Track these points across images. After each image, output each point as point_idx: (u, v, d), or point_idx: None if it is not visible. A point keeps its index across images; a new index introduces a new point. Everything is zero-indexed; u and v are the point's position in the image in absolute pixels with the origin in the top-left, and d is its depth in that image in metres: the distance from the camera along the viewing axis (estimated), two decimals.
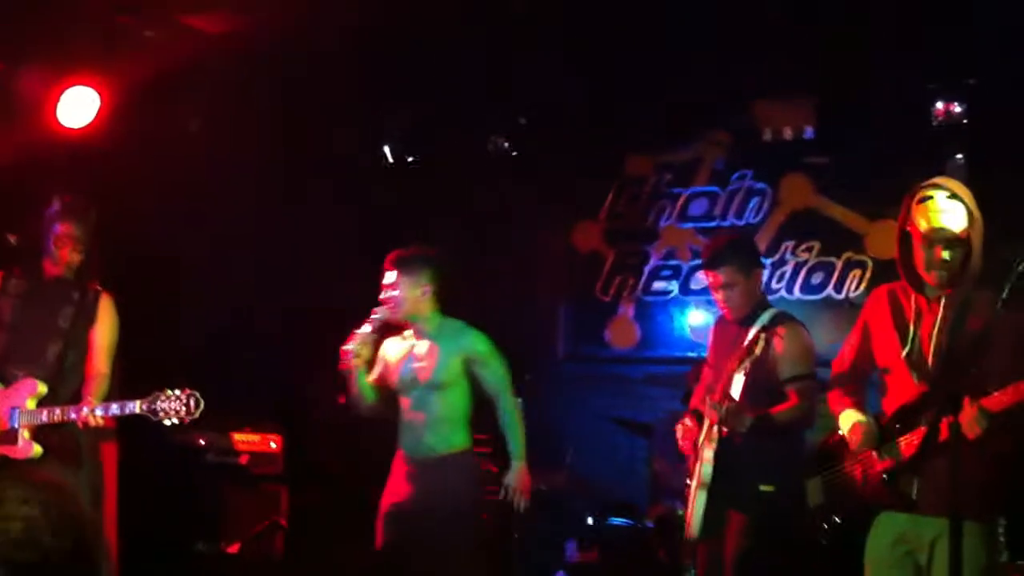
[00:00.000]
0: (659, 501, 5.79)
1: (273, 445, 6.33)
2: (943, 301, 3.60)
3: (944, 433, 3.25)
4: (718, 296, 4.60)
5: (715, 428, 4.37)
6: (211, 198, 6.61)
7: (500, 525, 5.66)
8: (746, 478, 4.36)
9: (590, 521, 5.92)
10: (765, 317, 4.50)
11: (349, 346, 4.70)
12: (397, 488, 4.77)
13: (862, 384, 3.94)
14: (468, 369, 4.77)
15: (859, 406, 3.82)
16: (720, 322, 4.75)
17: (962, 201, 3.52)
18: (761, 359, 4.26)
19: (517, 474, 4.78)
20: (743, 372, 4.25)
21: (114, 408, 4.37)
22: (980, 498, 3.42)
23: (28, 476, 2.26)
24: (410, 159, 7.04)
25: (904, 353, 3.64)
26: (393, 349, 4.87)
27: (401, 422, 4.79)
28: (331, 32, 5.61)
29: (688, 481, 4.53)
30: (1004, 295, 3.16)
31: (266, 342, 6.85)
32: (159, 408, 4.29)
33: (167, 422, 4.31)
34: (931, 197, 3.54)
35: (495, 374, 4.80)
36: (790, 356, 4.41)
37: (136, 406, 4.33)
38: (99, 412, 4.37)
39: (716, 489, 4.37)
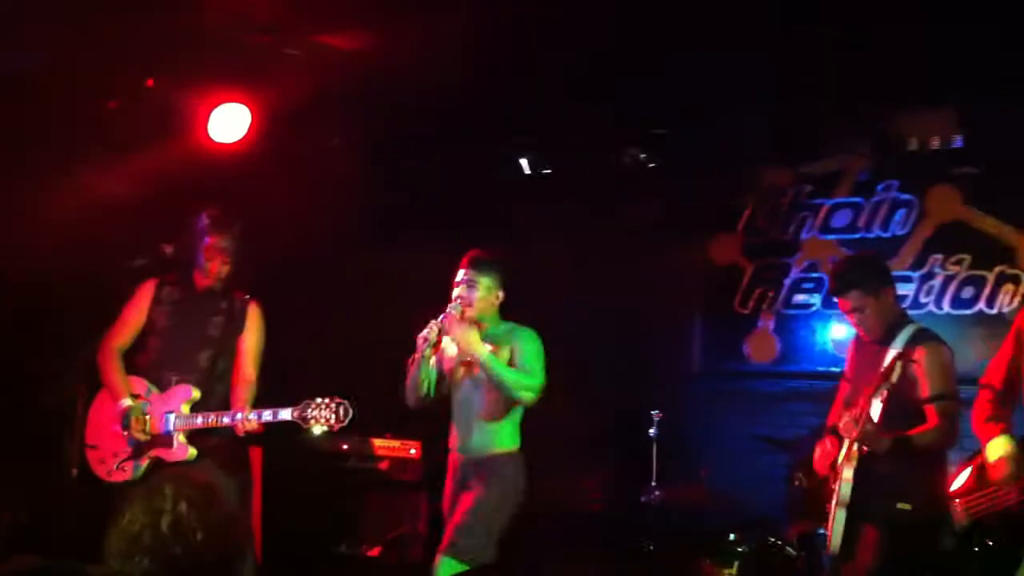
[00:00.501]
0: (799, 518, 5.66)
1: (412, 452, 6.42)
2: None
3: None
4: (851, 319, 4.54)
5: (855, 447, 4.28)
6: (349, 210, 6.75)
7: (633, 537, 5.63)
8: (884, 496, 4.28)
9: (731, 537, 5.82)
10: (904, 335, 4.40)
11: (425, 332, 4.71)
12: (451, 486, 4.83)
13: (1011, 399, 3.80)
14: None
15: (1008, 431, 3.67)
16: (858, 339, 4.65)
17: None
18: (899, 384, 4.15)
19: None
20: (880, 398, 4.15)
21: (266, 414, 4.51)
22: None
23: (183, 476, 2.35)
24: (546, 171, 7.07)
25: None
26: (451, 346, 4.88)
27: (453, 420, 4.84)
28: (463, 46, 5.67)
29: (828, 500, 4.45)
30: None
31: (405, 348, 6.96)
32: (309, 416, 4.41)
33: (316, 430, 4.42)
34: None
35: (526, 359, 4.74)
36: (930, 376, 4.28)
37: (287, 413, 4.45)
38: (252, 418, 4.52)
39: (854, 507, 4.29)
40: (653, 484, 5.62)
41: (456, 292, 4.79)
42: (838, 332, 6.70)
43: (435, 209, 7.12)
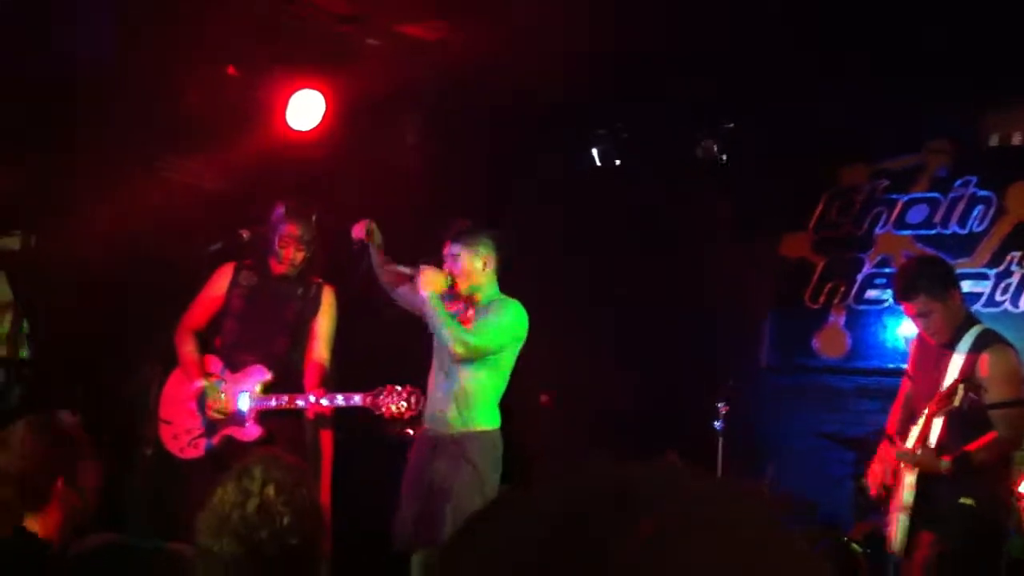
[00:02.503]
0: (866, 518, 5.61)
1: None
2: None
3: None
4: (917, 324, 4.48)
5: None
6: (424, 198, 6.82)
7: None
8: (946, 496, 4.24)
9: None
10: (970, 338, 4.33)
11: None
12: (416, 462, 4.62)
13: None
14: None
15: None
16: (922, 337, 4.59)
17: None
18: (959, 407, 4.11)
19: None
20: (942, 417, 4.12)
21: (339, 400, 4.58)
22: None
23: (273, 457, 2.38)
24: (618, 162, 7.07)
25: None
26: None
27: (427, 394, 4.61)
28: (540, 39, 5.69)
29: (888, 501, 4.46)
30: None
31: None
32: (382, 403, 4.47)
33: (388, 417, 4.49)
34: None
35: (485, 320, 4.54)
36: (995, 381, 4.20)
37: (360, 399, 4.52)
38: (325, 402, 4.59)
39: (917, 512, 4.27)
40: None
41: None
42: (910, 329, 6.60)
43: (509, 199, 7.15)
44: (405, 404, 4.45)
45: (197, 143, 6.01)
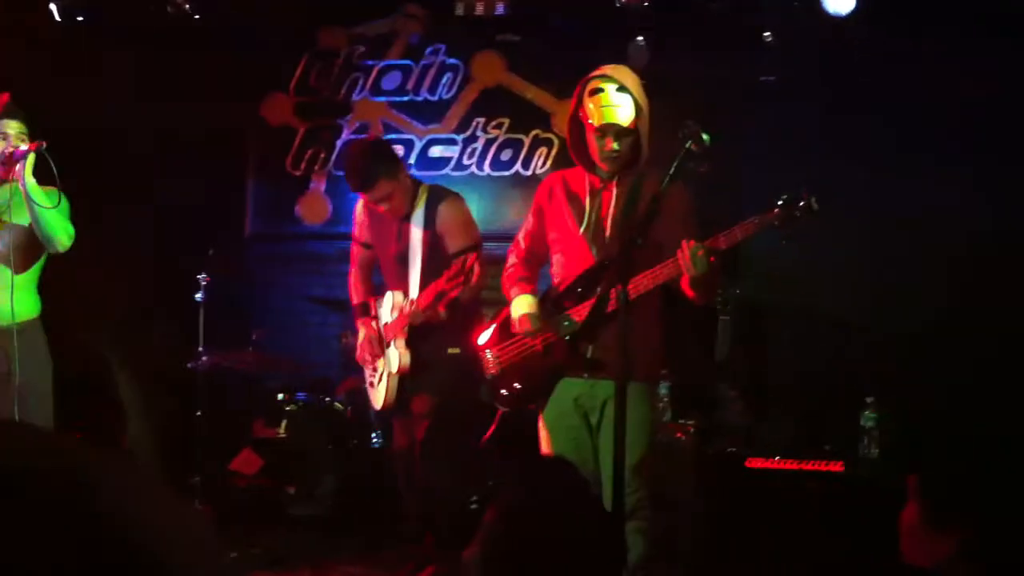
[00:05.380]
0: (351, 375, 5.81)
1: None
2: (615, 180, 3.81)
3: (613, 302, 3.43)
4: (380, 209, 4.66)
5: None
6: None
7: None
8: (434, 347, 4.59)
9: (280, 397, 5.86)
10: (422, 202, 4.66)
11: None
12: None
13: (536, 267, 4.10)
14: None
15: (534, 292, 3.97)
16: (369, 208, 4.80)
17: (630, 93, 3.70)
18: (431, 239, 4.53)
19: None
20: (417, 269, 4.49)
21: None
22: (645, 362, 3.67)
23: None
24: (80, 18, 6.45)
25: (582, 229, 3.80)
26: None
27: None
28: None
29: (372, 369, 4.73)
30: (671, 171, 3.32)
31: None
32: None
33: None
34: (602, 90, 3.70)
35: None
36: (452, 230, 4.61)
37: None
38: None
39: (411, 372, 4.59)
40: (200, 350, 5.47)
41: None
42: None
43: None
44: None
45: None
